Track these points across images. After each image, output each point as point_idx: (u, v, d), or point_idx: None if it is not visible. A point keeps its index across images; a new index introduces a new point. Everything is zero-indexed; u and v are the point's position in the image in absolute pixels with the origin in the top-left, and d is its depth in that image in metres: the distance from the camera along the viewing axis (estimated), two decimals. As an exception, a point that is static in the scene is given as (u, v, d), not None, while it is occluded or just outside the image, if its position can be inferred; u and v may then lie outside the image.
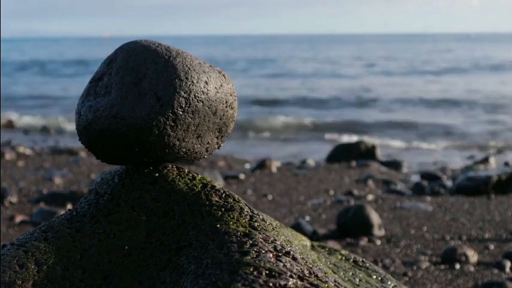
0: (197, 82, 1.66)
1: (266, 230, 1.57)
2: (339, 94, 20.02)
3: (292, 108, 17.51)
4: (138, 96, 1.62)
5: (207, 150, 1.78)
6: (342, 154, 9.17)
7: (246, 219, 1.60)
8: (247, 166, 8.83)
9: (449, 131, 12.77)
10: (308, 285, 1.37)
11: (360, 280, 1.87)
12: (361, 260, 2.07)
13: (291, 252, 1.50)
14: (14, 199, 5.95)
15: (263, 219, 1.64)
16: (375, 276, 1.96)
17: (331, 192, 6.54)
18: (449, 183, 7.09)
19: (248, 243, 1.49)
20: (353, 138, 11.64)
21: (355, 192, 6.46)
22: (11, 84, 24.41)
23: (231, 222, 1.57)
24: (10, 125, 14.00)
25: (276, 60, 38.19)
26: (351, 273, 1.90)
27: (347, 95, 19.87)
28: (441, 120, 14.55)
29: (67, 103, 18.60)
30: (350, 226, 4.73)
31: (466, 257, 4.11)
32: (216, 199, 1.66)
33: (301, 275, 1.41)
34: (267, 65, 34.79)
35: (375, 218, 4.80)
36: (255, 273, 1.37)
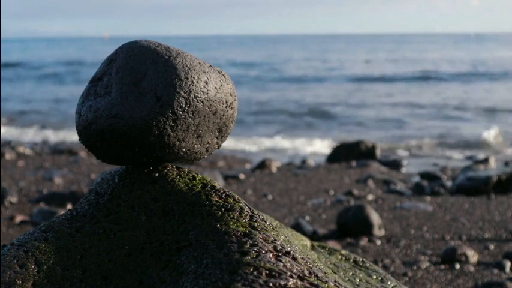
0: (197, 82, 1.66)
1: (266, 230, 1.57)
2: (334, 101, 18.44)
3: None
4: (138, 96, 1.62)
5: (207, 150, 1.78)
6: (342, 154, 9.17)
7: (246, 219, 1.60)
8: (247, 166, 8.83)
9: (444, 134, 12.64)
10: (308, 285, 1.37)
11: (360, 280, 1.87)
12: (361, 260, 2.07)
13: (291, 252, 1.50)
14: (14, 199, 5.95)
15: (263, 219, 1.64)
16: (375, 276, 1.96)
17: (331, 192, 6.54)
18: (449, 183, 7.09)
19: (248, 243, 1.49)
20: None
21: (355, 192, 6.46)
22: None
23: (231, 222, 1.57)
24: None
25: (275, 63, 37.23)
26: (351, 273, 1.90)
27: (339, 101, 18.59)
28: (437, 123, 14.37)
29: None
30: (350, 226, 4.73)
31: (466, 257, 4.11)
32: (216, 199, 1.66)
33: (301, 275, 1.41)
34: (264, 67, 34.13)
35: (375, 218, 4.80)
36: (255, 273, 1.37)
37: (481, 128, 12.72)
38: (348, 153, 9.14)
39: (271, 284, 1.33)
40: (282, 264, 1.42)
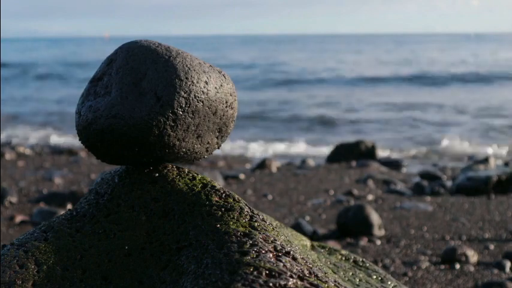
0: (197, 82, 1.66)
1: (266, 230, 1.57)
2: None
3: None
4: (138, 96, 1.62)
5: (207, 150, 1.78)
6: (342, 154, 9.17)
7: (246, 219, 1.60)
8: (247, 166, 8.83)
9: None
10: (308, 285, 1.37)
11: (360, 280, 1.87)
12: (361, 260, 2.07)
13: (291, 252, 1.50)
14: (14, 199, 5.95)
15: (263, 219, 1.64)
16: (375, 276, 1.96)
17: (331, 192, 6.54)
18: (449, 183, 7.09)
19: (248, 243, 1.49)
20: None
21: (355, 192, 6.46)
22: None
23: (231, 222, 1.57)
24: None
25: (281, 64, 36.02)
26: (351, 273, 1.90)
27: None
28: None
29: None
30: (350, 226, 4.74)
31: (466, 257, 4.12)
32: (216, 199, 1.66)
33: (301, 275, 1.41)
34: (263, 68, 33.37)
35: (375, 218, 4.80)
36: (255, 273, 1.37)
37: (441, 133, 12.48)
38: (348, 153, 9.15)
39: (271, 284, 1.33)
40: (282, 264, 1.42)
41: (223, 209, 1.62)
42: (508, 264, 4.04)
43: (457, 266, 4.04)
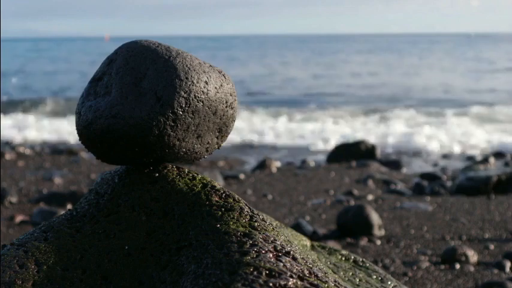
0: (197, 82, 1.66)
1: (266, 230, 1.57)
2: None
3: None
4: (138, 96, 1.62)
5: (207, 150, 1.78)
6: (342, 154, 9.17)
7: (246, 219, 1.60)
8: (247, 166, 8.83)
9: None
10: (308, 285, 1.37)
11: (360, 280, 1.87)
12: (361, 260, 2.07)
13: (291, 252, 1.50)
14: (14, 199, 5.95)
15: (263, 219, 1.64)
16: (375, 276, 1.96)
17: (331, 192, 6.54)
18: (449, 183, 7.09)
19: (248, 243, 1.49)
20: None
21: (355, 192, 6.46)
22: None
23: (231, 222, 1.57)
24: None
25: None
26: (351, 273, 1.90)
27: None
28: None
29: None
30: (350, 226, 4.74)
31: (466, 257, 4.12)
32: (216, 199, 1.66)
33: (301, 275, 1.41)
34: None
35: (375, 218, 4.80)
36: (255, 273, 1.37)
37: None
38: (348, 153, 9.15)
39: (271, 284, 1.33)
40: (282, 264, 1.42)
41: (223, 209, 1.62)
42: (508, 264, 4.04)
43: (457, 266, 4.04)
